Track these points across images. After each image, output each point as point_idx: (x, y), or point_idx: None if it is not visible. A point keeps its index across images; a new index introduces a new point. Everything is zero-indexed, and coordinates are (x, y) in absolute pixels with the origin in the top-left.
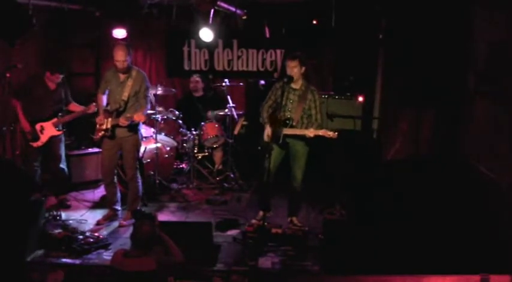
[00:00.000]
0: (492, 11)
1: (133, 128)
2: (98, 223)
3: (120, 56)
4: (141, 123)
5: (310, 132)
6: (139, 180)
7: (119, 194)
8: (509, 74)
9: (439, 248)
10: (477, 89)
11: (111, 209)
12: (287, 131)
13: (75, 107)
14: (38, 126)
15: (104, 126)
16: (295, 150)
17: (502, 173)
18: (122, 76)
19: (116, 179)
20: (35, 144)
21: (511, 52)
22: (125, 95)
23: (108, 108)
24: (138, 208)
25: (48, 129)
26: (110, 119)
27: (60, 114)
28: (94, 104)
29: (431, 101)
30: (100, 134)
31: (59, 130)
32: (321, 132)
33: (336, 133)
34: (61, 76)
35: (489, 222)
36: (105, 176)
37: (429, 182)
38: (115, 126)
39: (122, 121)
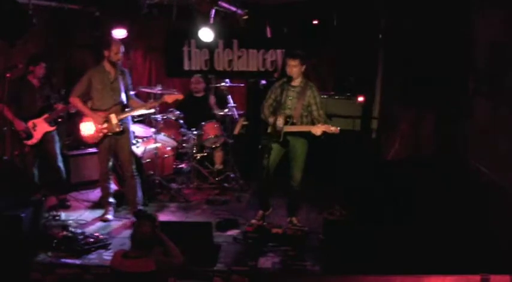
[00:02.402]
0: (492, 11)
1: (129, 121)
2: (104, 220)
3: (120, 48)
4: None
5: (318, 128)
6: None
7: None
8: (509, 74)
9: (439, 248)
10: (477, 89)
11: (108, 203)
12: (289, 128)
13: (58, 105)
14: (30, 124)
15: (106, 125)
16: (294, 150)
17: (502, 173)
18: (113, 72)
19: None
20: (29, 142)
21: (510, 52)
22: (122, 89)
23: (90, 106)
24: (140, 208)
25: (41, 126)
26: (113, 115)
27: (50, 110)
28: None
29: (431, 101)
30: (101, 134)
31: (51, 126)
32: (323, 128)
33: (338, 128)
34: (44, 65)
35: (489, 222)
36: (106, 174)
37: (429, 182)
38: (122, 120)
39: (168, 99)
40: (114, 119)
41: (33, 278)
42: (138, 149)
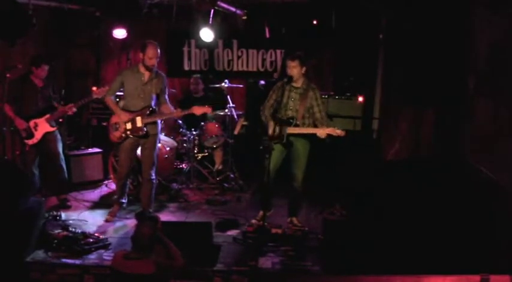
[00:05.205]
0: (492, 11)
1: (158, 126)
2: (108, 220)
3: (156, 53)
4: None
5: (323, 131)
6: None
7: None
8: (509, 74)
9: (439, 248)
10: (477, 89)
11: (117, 203)
12: (292, 130)
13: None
14: (31, 123)
15: (130, 126)
16: (296, 150)
17: (502, 173)
18: (147, 75)
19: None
20: (30, 142)
21: (511, 52)
22: (154, 93)
23: (121, 105)
24: (142, 210)
25: (42, 126)
26: (139, 118)
27: (52, 111)
28: (72, 104)
29: (431, 101)
30: (124, 134)
31: (52, 126)
32: (328, 130)
33: (344, 131)
34: (47, 67)
35: (489, 222)
36: (124, 176)
37: (429, 182)
38: (148, 124)
39: (196, 110)
40: (139, 121)
41: (33, 277)
42: (138, 150)
